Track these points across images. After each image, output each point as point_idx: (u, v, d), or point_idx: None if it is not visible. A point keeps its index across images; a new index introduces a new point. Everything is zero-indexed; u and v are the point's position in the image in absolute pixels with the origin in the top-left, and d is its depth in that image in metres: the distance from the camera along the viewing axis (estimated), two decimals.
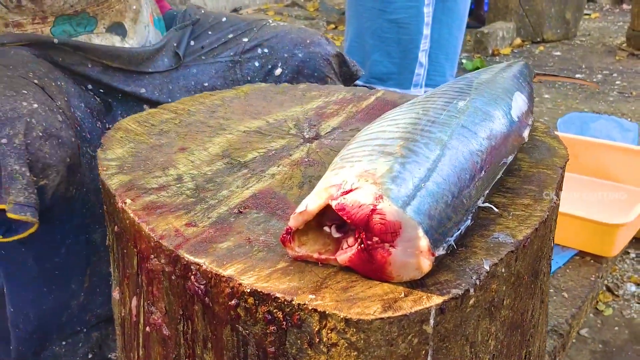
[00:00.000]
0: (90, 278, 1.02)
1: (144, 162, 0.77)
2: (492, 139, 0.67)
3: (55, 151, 0.85)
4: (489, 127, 0.68)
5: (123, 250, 0.69)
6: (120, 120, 0.90)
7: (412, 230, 0.51)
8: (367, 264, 0.53)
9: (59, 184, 0.86)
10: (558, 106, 2.93)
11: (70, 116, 0.93)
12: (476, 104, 0.71)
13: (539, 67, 3.63)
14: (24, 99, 0.86)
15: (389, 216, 0.51)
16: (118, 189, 0.70)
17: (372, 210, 0.51)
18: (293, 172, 0.76)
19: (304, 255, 0.56)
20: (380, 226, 0.51)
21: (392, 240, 0.51)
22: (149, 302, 0.64)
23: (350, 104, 1.00)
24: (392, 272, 0.53)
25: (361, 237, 0.52)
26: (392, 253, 0.52)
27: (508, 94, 0.77)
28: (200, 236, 0.61)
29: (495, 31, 3.96)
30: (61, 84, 0.99)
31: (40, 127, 0.84)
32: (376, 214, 0.51)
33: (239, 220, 0.64)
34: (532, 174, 0.75)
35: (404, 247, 0.52)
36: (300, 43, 1.19)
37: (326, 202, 0.54)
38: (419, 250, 0.51)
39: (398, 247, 0.52)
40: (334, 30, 4.64)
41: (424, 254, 0.51)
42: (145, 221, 0.63)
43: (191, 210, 0.66)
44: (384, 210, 0.51)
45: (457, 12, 2.46)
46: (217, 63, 1.19)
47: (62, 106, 0.92)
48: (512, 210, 0.66)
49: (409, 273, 0.53)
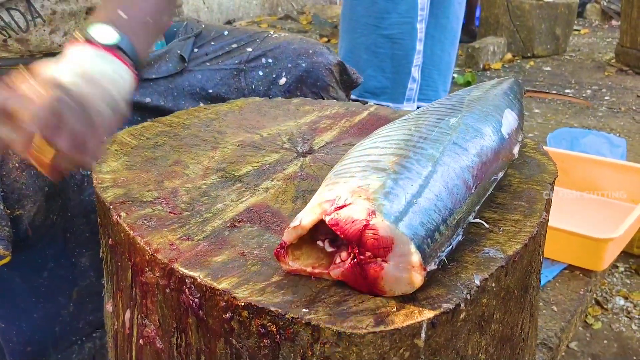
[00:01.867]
0: (79, 292, 1.02)
1: (139, 175, 0.78)
2: (482, 156, 0.68)
3: (33, 181, 0.85)
4: (480, 144, 0.69)
5: (117, 263, 0.70)
6: (114, 134, 0.91)
7: (404, 245, 0.52)
8: (360, 279, 0.54)
9: (35, 213, 0.86)
10: (548, 121, 2.96)
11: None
12: (467, 121, 0.72)
13: (530, 82, 3.67)
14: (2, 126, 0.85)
15: (382, 231, 0.52)
16: (112, 202, 0.70)
17: (365, 225, 0.52)
18: (287, 187, 0.76)
19: (297, 269, 0.57)
20: (373, 241, 0.52)
21: (385, 255, 0.52)
22: (142, 315, 0.65)
23: (344, 118, 1.01)
24: (384, 286, 0.54)
25: (354, 252, 0.53)
26: (385, 268, 0.53)
27: (498, 110, 0.79)
28: (194, 250, 0.61)
29: (486, 46, 4.00)
30: None
31: (17, 157, 0.83)
32: (369, 229, 0.52)
33: (233, 234, 0.65)
34: (522, 190, 0.76)
35: (396, 262, 0.52)
36: (303, 53, 1.20)
37: (320, 217, 0.55)
38: (411, 266, 0.52)
39: (390, 262, 0.53)
40: (326, 43, 4.67)
41: (416, 269, 0.52)
42: (140, 234, 0.63)
43: (186, 223, 0.66)
44: (376, 226, 0.52)
45: (449, 29, 2.49)
46: (221, 70, 1.19)
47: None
48: (503, 225, 0.67)
49: (401, 287, 0.54)
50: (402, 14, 2.16)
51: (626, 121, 2.99)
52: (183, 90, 1.13)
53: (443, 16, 2.29)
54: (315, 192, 0.75)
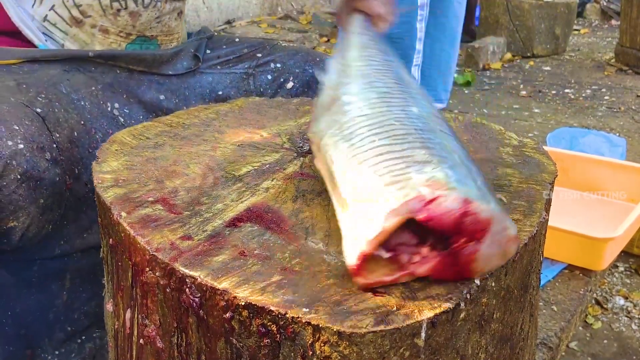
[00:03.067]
0: (72, 281, 1.02)
1: (139, 175, 0.78)
2: (454, 135, 0.70)
3: (30, 194, 0.85)
4: (447, 125, 0.71)
5: (117, 263, 0.70)
6: (115, 133, 0.91)
7: (500, 222, 0.54)
8: (451, 267, 0.56)
9: (29, 225, 0.86)
10: (548, 120, 2.96)
11: (66, 149, 0.92)
12: (426, 110, 0.71)
13: (529, 81, 3.67)
14: (12, 137, 0.84)
15: (482, 215, 0.53)
16: (113, 202, 0.70)
17: (464, 213, 0.53)
18: (287, 186, 0.76)
19: (376, 282, 0.55)
20: (474, 225, 0.53)
21: (481, 237, 0.54)
22: (143, 315, 0.65)
23: None
24: (476, 267, 0.56)
25: (448, 242, 0.55)
26: (480, 249, 0.55)
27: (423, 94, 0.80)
28: (195, 249, 0.61)
29: (486, 46, 4.00)
30: (84, 104, 1.00)
31: (19, 170, 0.83)
32: (469, 215, 0.53)
33: (233, 233, 0.65)
34: (521, 189, 0.76)
35: (492, 240, 0.55)
36: (311, 60, 1.26)
37: (408, 216, 0.53)
38: (509, 239, 0.55)
39: (485, 242, 0.55)
40: (326, 43, 4.67)
41: (513, 240, 0.56)
42: (141, 234, 0.64)
43: (186, 223, 0.67)
44: (476, 210, 0.53)
45: (449, 28, 2.49)
46: (232, 74, 1.23)
47: (61, 139, 0.91)
48: None
49: (493, 263, 0.57)
50: (401, 14, 2.16)
51: (626, 121, 2.99)
52: (194, 91, 1.17)
53: (442, 15, 2.29)
54: (315, 192, 0.75)
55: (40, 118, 0.90)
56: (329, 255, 0.61)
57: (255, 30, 4.97)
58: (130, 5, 1.05)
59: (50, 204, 0.88)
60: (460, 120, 0.99)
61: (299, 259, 0.60)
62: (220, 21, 5.10)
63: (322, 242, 0.63)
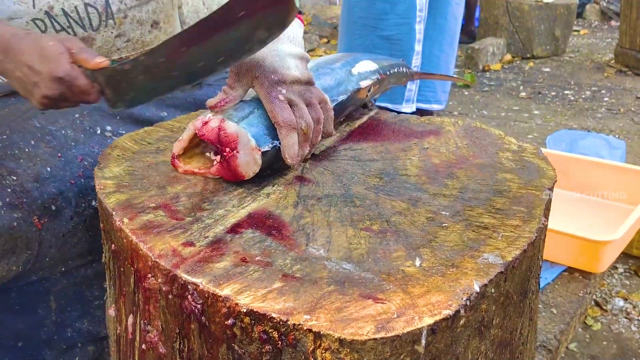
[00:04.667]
0: (57, 302, 1.00)
1: (141, 180, 0.78)
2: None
3: None
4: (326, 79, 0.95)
5: (120, 269, 0.70)
6: (116, 139, 0.91)
7: (244, 136, 0.77)
8: (227, 171, 0.78)
9: None
10: (547, 122, 2.97)
11: (32, 189, 0.88)
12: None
13: (529, 82, 3.67)
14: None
15: (229, 130, 0.77)
16: (115, 208, 0.71)
17: (219, 128, 0.77)
18: (288, 192, 0.77)
19: (188, 170, 0.81)
20: (224, 138, 0.77)
21: (235, 148, 0.77)
22: (145, 321, 0.65)
23: (344, 123, 1.02)
24: (241, 171, 0.78)
25: (220, 151, 0.78)
26: (238, 157, 0.77)
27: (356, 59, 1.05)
28: (197, 256, 0.62)
29: (485, 47, 4.01)
30: (65, 133, 0.95)
31: None
32: (221, 131, 0.77)
33: (235, 239, 0.65)
34: (521, 195, 0.77)
35: (243, 150, 0.77)
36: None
37: (193, 131, 0.80)
38: (251, 149, 0.76)
39: (240, 151, 0.77)
40: (326, 44, 4.67)
41: (255, 150, 0.76)
42: (143, 240, 0.64)
43: (188, 229, 0.67)
44: (224, 127, 0.77)
45: (447, 29, 2.49)
46: None
47: (19, 181, 0.87)
48: (502, 231, 0.68)
49: (251, 168, 0.77)
50: (400, 15, 2.16)
51: (625, 122, 2.99)
52: (202, 105, 1.12)
53: (441, 17, 2.29)
54: (316, 197, 0.75)
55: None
56: (329, 261, 0.61)
57: None
58: (78, 32, 0.98)
59: (11, 249, 0.85)
60: (460, 125, 1.00)
61: (300, 266, 0.61)
62: None
63: (323, 249, 0.64)
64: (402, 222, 0.70)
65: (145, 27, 1.06)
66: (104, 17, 0.99)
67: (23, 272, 0.88)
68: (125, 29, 1.03)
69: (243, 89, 0.83)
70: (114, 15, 1.00)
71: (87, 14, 0.98)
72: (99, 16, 0.99)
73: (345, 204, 0.74)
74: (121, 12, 1.01)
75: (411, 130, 0.98)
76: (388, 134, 0.97)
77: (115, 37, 1.02)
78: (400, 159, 0.87)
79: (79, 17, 0.97)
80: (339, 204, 0.74)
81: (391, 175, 0.82)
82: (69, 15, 0.96)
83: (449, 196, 0.76)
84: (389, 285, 0.58)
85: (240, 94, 0.83)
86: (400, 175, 0.82)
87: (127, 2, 1.01)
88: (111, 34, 1.01)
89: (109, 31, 1.01)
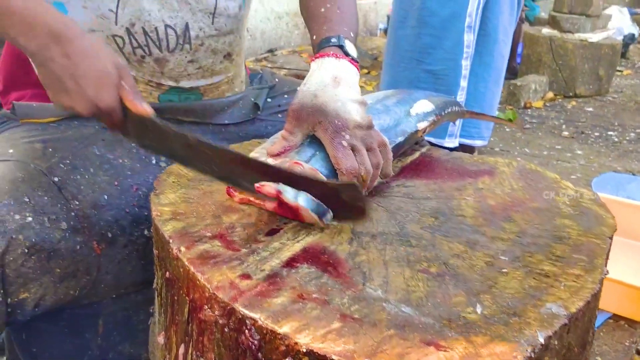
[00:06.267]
0: (105, 326, 1.01)
1: (196, 209, 0.79)
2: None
3: (43, 264, 0.83)
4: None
5: (173, 297, 0.70)
6: (171, 165, 0.92)
7: (304, 211, 0.75)
8: (287, 212, 0.76)
9: (43, 295, 0.84)
10: (591, 163, 2.91)
11: (92, 215, 0.88)
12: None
13: (572, 122, 3.63)
14: (19, 210, 0.82)
15: (287, 201, 0.75)
16: (172, 236, 0.71)
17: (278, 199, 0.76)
18: (342, 227, 0.76)
19: (244, 199, 0.81)
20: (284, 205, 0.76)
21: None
22: (198, 352, 0.65)
23: (395, 158, 1.01)
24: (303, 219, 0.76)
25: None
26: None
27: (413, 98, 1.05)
28: (254, 290, 0.61)
29: (528, 84, 3.98)
30: (122, 162, 0.95)
31: (27, 243, 0.81)
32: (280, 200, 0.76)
33: (291, 274, 0.65)
34: (581, 242, 0.75)
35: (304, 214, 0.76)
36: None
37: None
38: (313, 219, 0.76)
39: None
40: (366, 75, 4.70)
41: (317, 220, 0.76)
42: (201, 271, 0.64)
43: (244, 261, 0.67)
44: (283, 198, 0.76)
45: (493, 67, 2.48)
46: None
47: (82, 206, 0.88)
48: (564, 280, 0.66)
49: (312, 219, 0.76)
50: (447, 51, 2.15)
51: None
52: (253, 139, 1.10)
53: (488, 54, 2.28)
54: (370, 234, 0.75)
55: (57, 187, 0.87)
56: (388, 303, 0.60)
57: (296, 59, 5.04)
58: (154, 52, 0.99)
59: (72, 272, 0.86)
60: (514, 166, 0.98)
61: (358, 306, 0.60)
62: (263, 50, 5.18)
63: (380, 289, 0.63)
64: (460, 265, 0.68)
65: (218, 57, 1.07)
66: (181, 41, 1.00)
67: (79, 297, 0.89)
68: (199, 56, 1.04)
69: (303, 134, 0.83)
70: (192, 41, 1.01)
71: (166, 35, 0.99)
72: (177, 39, 1.00)
73: (401, 243, 0.73)
74: (199, 39, 1.02)
75: (464, 169, 0.97)
76: (441, 172, 0.96)
77: (187, 62, 1.03)
78: (455, 199, 0.86)
79: (158, 38, 0.99)
80: (394, 242, 0.73)
81: (447, 215, 0.81)
82: (148, 34, 0.98)
83: (507, 240, 0.75)
84: (450, 332, 0.56)
85: (300, 139, 0.83)
86: (455, 215, 0.81)
87: (206, 31, 1.02)
88: (185, 58, 1.02)
89: (183, 55, 1.02)
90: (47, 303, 0.86)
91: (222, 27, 1.04)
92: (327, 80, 0.86)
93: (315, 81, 0.86)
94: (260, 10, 5.12)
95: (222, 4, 1.02)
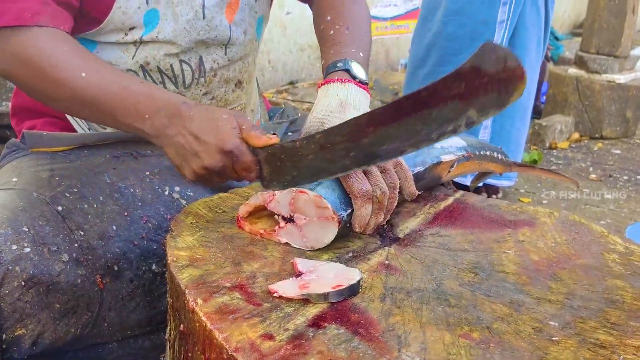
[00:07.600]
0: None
1: (215, 254, 0.73)
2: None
3: (41, 298, 0.78)
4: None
5: (187, 353, 0.64)
6: (190, 205, 0.87)
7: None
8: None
9: (41, 332, 0.79)
10: (621, 208, 2.82)
11: (97, 246, 0.85)
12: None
13: (599, 164, 3.54)
14: (17, 241, 0.78)
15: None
16: (189, 285, 0.65)
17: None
18: (373, 282, 0.70)
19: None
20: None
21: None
22: None
23: (427, 203, 0.95)
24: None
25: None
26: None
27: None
28: (277, 353, 0.55)
29: (553, 124, 3.91)
30: (133, 191, 0.92)
31: (24, 275, 0.77)
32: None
33: (318, 336, 0.58)
34: (637, 307, 0.68)
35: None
36: None
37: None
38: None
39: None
40: None
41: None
42: (219, 328, 0.58)
43: (266, 318, 0.61)
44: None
45: (520, 104, 2.42)
46: None
47: (87, 236, 0.84)
48: (622, 353, 0.59)
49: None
50: None
51: None
52: None
53: None
54: (405, 290, 0.68)
55: (60, 217, 0.83)
56: None
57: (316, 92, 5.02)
58: (169, 87, 0.98)
59: (72, 308, 0.81)
60: (556, 217, 0.91)
61: None
62: (284, 81, 5.18)
63: (418, 357, 0.56)
64: (505, 330, 0.61)
65: (229, 85, 1.05)
66: (196, 75, 0.99)
67: (80, 337, 0.83)
68: (212, 87, 1.02)
69: None
70: (206, 74, 1.00)
71: (181, 71, 0.97)
72: (192, 74, 0.99)
73: (438, 302, 0.66)
74: (212, 71, 1.01)
75: (503, 218, 0.91)
76: (478, 221, 0.89)
77: (202, 95, 1.01)
78: (495, 252, 0.79)
79: (173, 75, 0.97)
80: (431, 301, 0.66)
81: (487, 271, 0.74)
82: (163, 72, 0.96)
83: (555, 302, 0.68)
84: None
85: None
86: (497, 271, 0.74)
87: (219, 62, 1.01)
88: (200, 91, 1.01)
89: (198, 89, 1.00)
90: (46, 341, 0.81)
91: (234, 56, 1.04)
92: (334, 106, 0.84)
93: (321, 108, 0.85)
94: (283, 42, 5.13)
95: (236, 34, 1.01)
